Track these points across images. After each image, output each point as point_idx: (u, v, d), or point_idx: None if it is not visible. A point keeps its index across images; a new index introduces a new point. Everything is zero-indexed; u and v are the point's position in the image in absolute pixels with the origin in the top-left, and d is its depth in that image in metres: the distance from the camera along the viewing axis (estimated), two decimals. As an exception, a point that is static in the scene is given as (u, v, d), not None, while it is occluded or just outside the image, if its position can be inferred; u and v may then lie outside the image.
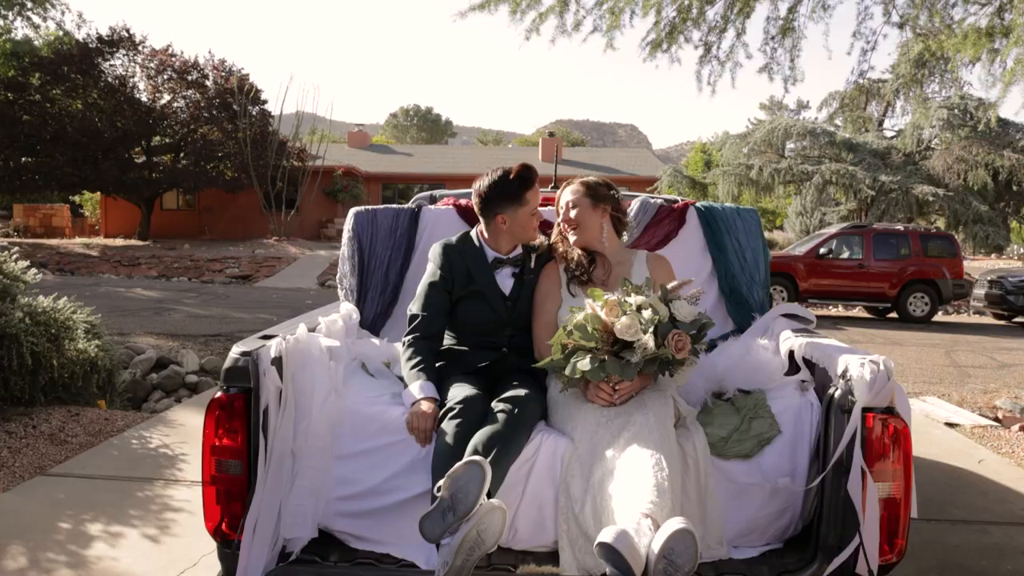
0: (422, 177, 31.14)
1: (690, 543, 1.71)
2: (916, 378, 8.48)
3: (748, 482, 2.21)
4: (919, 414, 6.57)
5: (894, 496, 2.04)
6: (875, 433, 2.00)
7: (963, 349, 11.08)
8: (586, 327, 2.18)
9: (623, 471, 1.97)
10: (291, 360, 2.19)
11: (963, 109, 20.38)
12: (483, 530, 1.88)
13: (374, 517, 2.23)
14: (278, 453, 2.11)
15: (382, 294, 3.22)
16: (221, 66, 24.09)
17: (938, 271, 14.35)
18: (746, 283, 3.20)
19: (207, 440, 2.08)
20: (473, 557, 1.87)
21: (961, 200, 18.49)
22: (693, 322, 2.24)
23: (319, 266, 19.28)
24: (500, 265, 2.65)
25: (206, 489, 2.10)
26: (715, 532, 2.17)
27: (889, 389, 2.04)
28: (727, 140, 23.74)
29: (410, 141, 72.65)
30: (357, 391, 2.43)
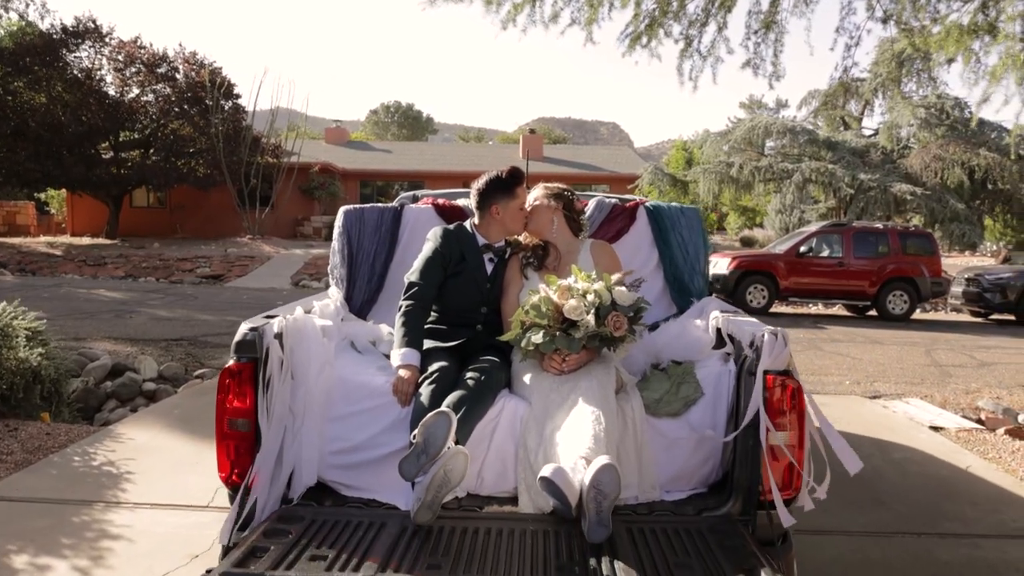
0: (401, 174, 30.74)
1: (614, 475, 2.13)
2: (898, 378, 8.34)
3: (677, 436, 2.60)
4: (903, 417, 6.41)
5: (791, 443, 2.39)
6: (775, 392, 2.37)
7: (943, 348, 10.99)
8: (540, 307, 2.61)
9: (568, 425, 2.39)
10: (290, 336, 2.53)
11: (940, 108, 20.42)
12: (449, 470, 2.25)
13: (362, 469, 2.60)
14: (280, 414, 2.46)
15: (368, 282, 3.62)
16: (192, 59, 23.50)
17: (917, 269, 14.29)
18: (687, 273, 3.60)
19: (220, 402, 2.43)
20: (441, 493, 2.24)
21: (938, 198, 18.50)
22: (631, 306, 2.63)
23: (293, 265, 18.86)
24: (487, 251, 3.05)
25: (219, 445, 2.46)
26: (649, 479, 2.55)
27: (786, 355, 2.41)
28: (708, 138, 23.64)
29: (391, 138, 72.06)
30: (347, 363, 2.81)
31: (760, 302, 14.25)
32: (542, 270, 3.04)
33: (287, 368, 2.51)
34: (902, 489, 4.52)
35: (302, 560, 2.03)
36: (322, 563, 2.00)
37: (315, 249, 21.98)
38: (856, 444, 5.60)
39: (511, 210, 3.03)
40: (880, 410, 6.73)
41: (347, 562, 2.02)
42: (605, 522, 2.13)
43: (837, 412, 6.50)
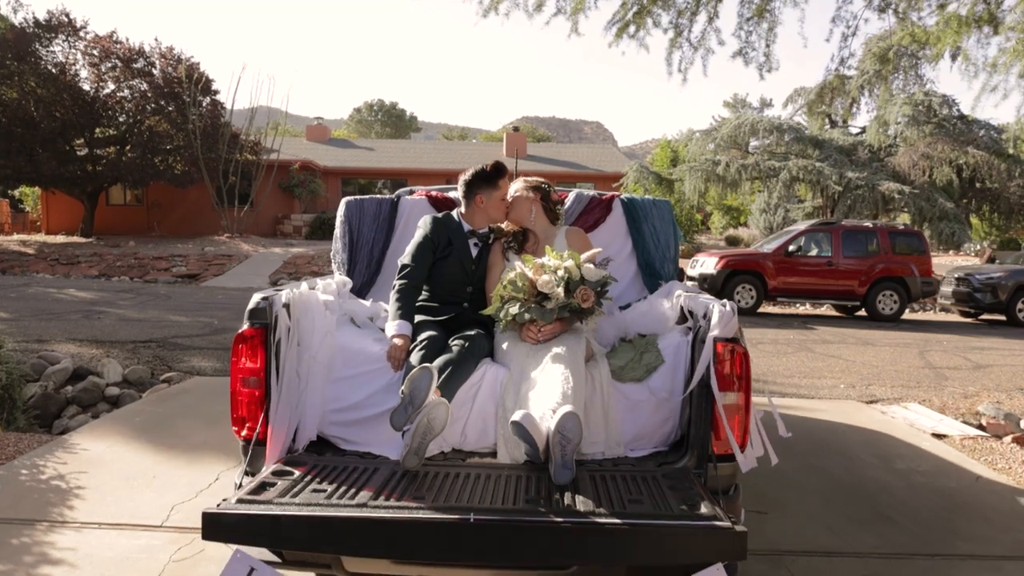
0: (384, 172, 30.31)
1: (576, 423, 2.38)
2: (894, 381, 8.10)
3: (639, 399, 2.83)
4: (903, 424, 6.16)
5: (738, 403, 2.61)
6: (724, 356, 2.59)
7: (936, 349, 10.80)
8: (516, 282, 2.89)
9: (540, 384, 2.66)
10: (296, 306, 2.82)
11: (927, 105, 20.30)
12: (432, 418, 2.51)
13: (358, 425, 2.88)
14: (287, 374, 2.74)
15: (368, 267, 3.95)
16: (169, 54, 22.92)
17: (907, 268, 14.13)
18: (658, 259, 3.90)
19: (234, 363, 2.72)
20: (426, 440, 2.52)
21: (926, 197, 18.37)
22: (598, 281, 2.90)
23: (272, 264, 18.42)
24: (472, 236, 3.36)
25: (232, 401, 2.77)
26: (615, 437, 2.79)
27: (734, 324, 2.63)
28: (693, 136, 23.42)
29: (374, 137, 71.35)
30: (346, 334, 3.09)
31: (748, 302, 14.02)
32: (522, 254, 3.31)
33: (294, 334, 2.81)
34: (910, 504, 4.25)
35: (305, 492, 2.30)
36: (322, 495, 2.28)
37: (295, 248, 21.53)
38: (857, 453, 5.36)
39: (494, 200, 3.37)
40: (879, 416, 6.47)
41: (344, 494, 2.29)
42: (569, 465, 2.40)
43: (835, 418, 6.24)
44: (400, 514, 2.13)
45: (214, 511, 2.14)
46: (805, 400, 7.04)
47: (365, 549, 2.18)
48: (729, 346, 2.62)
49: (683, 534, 2.07)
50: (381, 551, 2.18)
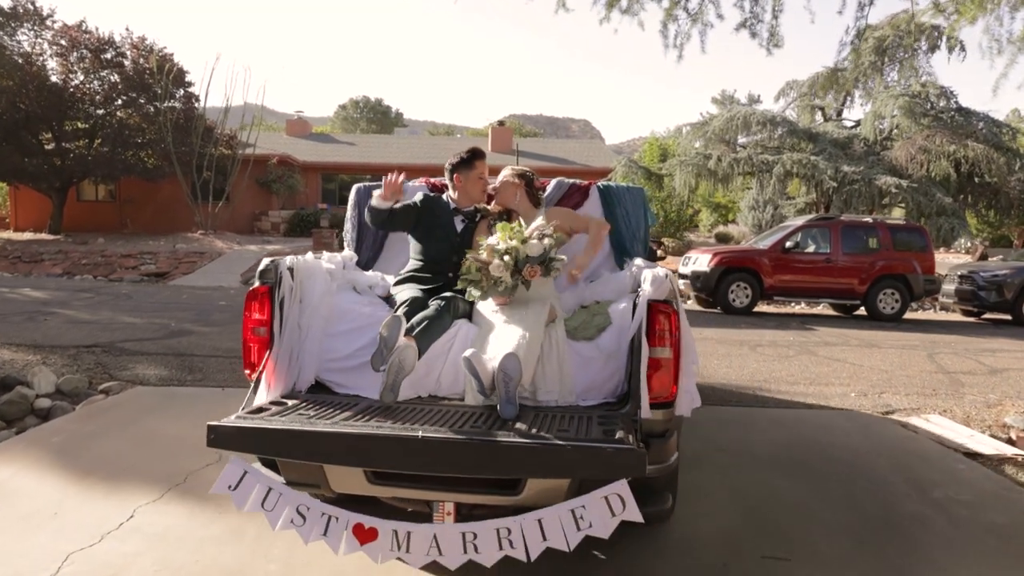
0: (366, 167, 29.46)
1: (516, 363, 2.82)
2: (907, 388, 7.46)
3: (590, 356, 3.17)
4: (928, 439, 5.50)
5: (670, 357, 2.93)
6: (657, 315, 2.93)
7: (944, 351, 10.18)
8: (472, 269, 3.30)
9: (500, 337, 3.10)
10: (300, 269, 3.32)
11: (924, 97, 19.73)
12: (402, 359, 2.95)
13: (349, 372, 3.29)
14: (289, 326, 3.22)
15: (372, 244, 4.38)
16: (141, 45, 21.99)
17: (909, 266, 13.52)
18: (629, 239, 4.24)
19: (246, 316, 3.19)
20: (399, 378, 2.97)
21: (924, 191, 17.77)
22: (540, 255, 3.28)
23: (246, 262, 17.60)
24: (457, 213, 3.83)
25: (244, 346, 3.20)
26: (568, 387, 3.12)
27: (666, 287, 2.98)
28: (683, 130, 22.76)
29: (360, 134, 70.39)
30: (345, 297, 3.51)
31: (743, 301, 13.38)
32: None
33: (296, 293, 3.23)
34: (957, 545, 3.57)
35: (292, 415, 2.72)
36: (305, 417, 2.69)
37: (272, 245, 20.71)
38: (885, 478, 4.64)
39: (471, 179, 3.87)
40: (900, 431, 5.81)
41: (323, 417, 2.69)
42: (512, 400, 2.77)
43: (852, 433, 5.57)
44: (364, 430, 2.53)
45: (216, 424, 2.54)
46: (815, 412, 6.37)
47: (335, 457, 2.55)
48: (662, 307, 2.92)
49: (591, 452, 2.37)
50: (348, 459, 2.56)
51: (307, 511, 2.54)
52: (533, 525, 2.41)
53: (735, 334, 10.77)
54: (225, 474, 2.57)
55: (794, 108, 24.14)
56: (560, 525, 2.41)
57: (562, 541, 2.40)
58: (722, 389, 7.00)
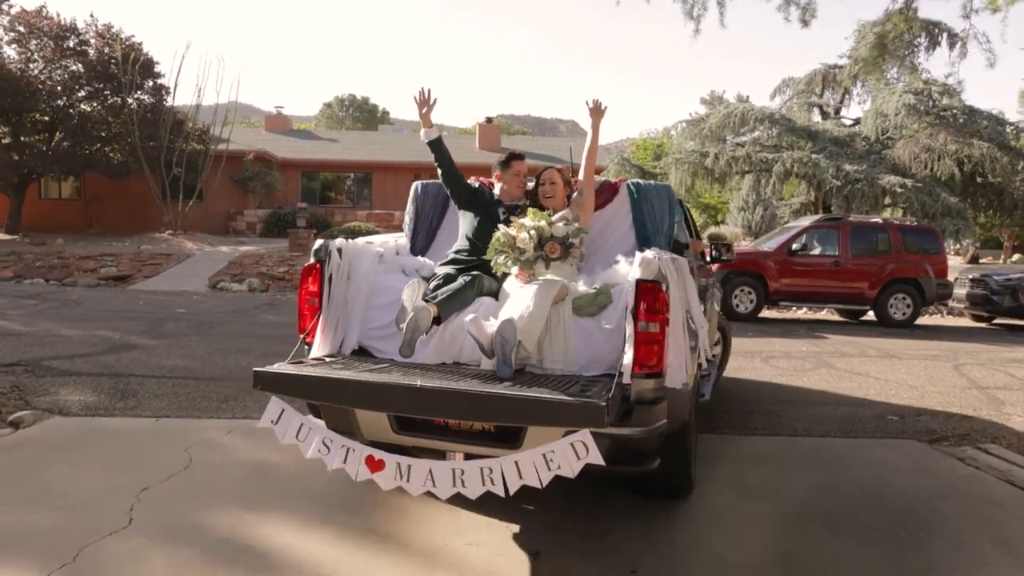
0: (348, 165, 28.41)
1: (512, 328, 3.18)
2: (943, 406, 6.61)
3: (592, 330, 3.45)
4: (996, 481, 4.60)
5: (657, 332, 3.15)
6: (645, 294, 3.16)
7: (969, 362, 9.36)
8: (500, 240, 3.77)
9: (510, 309, 3.42)
10: (348, 250, 3.81)
11: (927, 94, 18.98)
12: (418, 319, 3.34)
13: (387, 339, 3.69)
14: (336, 298, 3.69)
15: (427, 234, 4.79)
16: (107, 32, 20.82)
17: (921, 269, 12.73)
18: (652, 233, 4.43)
19: (301, 287, 3.70)
20: (415, 335, 3.34)
21: (929, 191, 17.03)
22: (563, 236, 3.73)
23: (215, 264, 16.52)
24: (500, 205, 4.30)
25: (300, 313, 3.70)
26: (572, 359, 3.42)
27: (654, 267, 3.21)
28: (678, 127, 21.91)
29: (344, 131, 69.12)
30: (389, 276, 3.99)
31: (748, 307, 12.52)
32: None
33: (344, 270, 3.75)
34: None
35: (324, 367, 3.24)
36: (335, 368, 3.19)
37: (245, 246, 19.62)
38: (969, 540, 3.66)
39: (508, 176, 4.33)
40: (959, 468, 4.93)
41: (352, 370, 3.18)
42: (508, 362, 3.14)
43: (905, 472, 4.67)
44: (377, 379, 2.97)
45: (260, 370, 3.05)
46: (855, 443, 5.48)
47: (349, 400, 3.07)
48: (648, 286, 3.16)
49: (554, 404, 2.71)
50: (359, 402, 3.07)
51: (331, 443, 2.98)
52: (511, 465, 2.75)
53: (743, 343, 9.88)
54: (267, 413, 3.04)
55: (791, 106, 23.33)
56: (533, 466, 2.74)
57: (535, 479, 2.72)
58: (742, 411, 6.10)
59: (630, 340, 3.15)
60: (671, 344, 3.21)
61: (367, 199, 28.20)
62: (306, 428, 3.03)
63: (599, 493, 4.02)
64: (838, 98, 22.63)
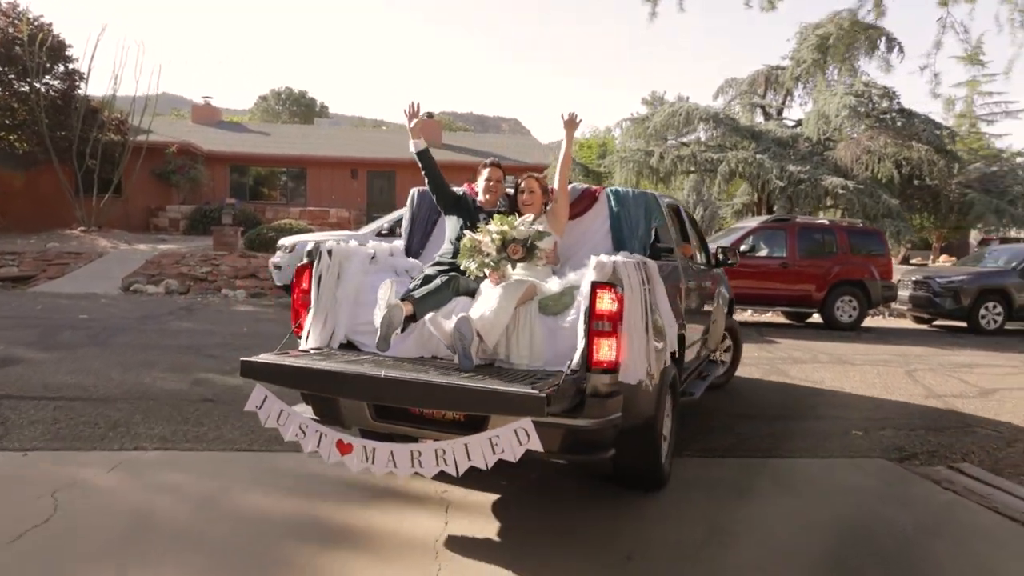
0: (281, 159, 27.13)
1: (468, 325, 3.48)
2: (907, 421, 6.29)
3: (555, 328, 3.67)
4: (982, 510, 4.20)
5: (611, 331, 3.34)
6: (600, 295, 3.36)
7: (920, 367, 9.19)
8: (467, 245, 3.96)
9: (475, 307, 3.74)
10: (338, 252, 4.08)
11: (867, 97, 19.12)
12: (391, 316, 3.60)
13: (372, 335, 3.78)
14: (325, 295, 3.98)
15: (421, 237, 5.04)
16: (11, 11, 19.19)
17: (867, 271, 12.62)
18: (627, 237, 4.61)
19: (295, 286, 4.05)
20: (389, 330, 3.59)
21: (870, 193, 17.13)
22: (525, 239, 3.88)
23: (131, 264, 15.30)
24: (481, 211, 4.47)
25: (293, 308, 4.10)
26: (537, 355, 3.65)
27: (608, 270, 3.40)
28: (622, 125, 21.61)
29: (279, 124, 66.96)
30: (381, 276, 4.16)
31: (696, 310, 12.15)
32: None
33: (334, 270, 4.02)
34: None
35: (306, 359, 3.52)
36: (315, 360, 3.50)
37: (166, 244, 18.36)
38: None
39: (484, 183, 4.52)
40: (934, 490, 4.55)
41: (331, 361, 3.50)
42: (468, 356, 3.46)
43: (889, 505, 4.21)
44: (346, 369, 3.28)
45: (248, 359, 3.39)
46: (824, 464, 5.06)
47: (324, 390, 3.41)
48: (605, 288, 3.36)
49: (498, 394, 2.97)
50: (333, 391, 3.39)
51: (306, 428, 3.29)
52: (461, 448, 3.03)
53: (693, 350, 9.47)
54: (252, 397, 3.36)
55: (734, 106, 23.31)
56: (480, 449, 3.00)
57: (482, 461, 3.00)
58: (701, 428, 5.61)
59: (584, 337, 3.38)
60: (626, 342, 3.37)
61: (302, 195, 27.01)
62: (286, 414, 3.33)
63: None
64: (780, 99, 22.71)
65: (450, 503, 3.86)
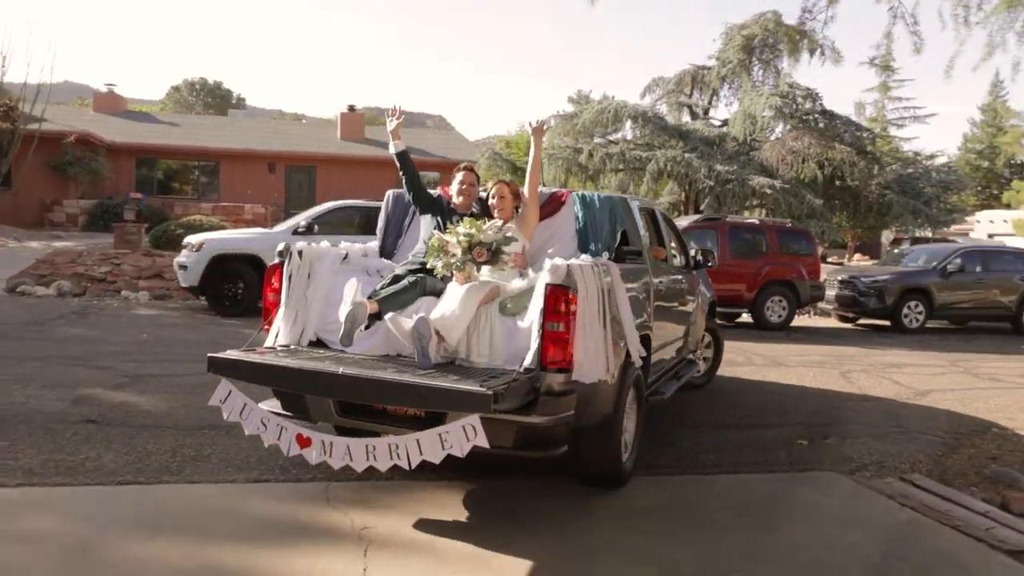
0: (192, 152, 25.60)
1: (427, 325, 3.57)
2: (850, 427, 6.11)
3: (514, 329, 3.75)
4: (945, 529, 3.93)
5: (564, 331, 3.45)
6: (553, 297, 3.47)
7: (853, 368, 9.16)
8: (435, 245, 4.05)
9: (439, 308, 3.80)
10: (309, 252, 4.21)
11: (792, 98, 19.44)
12: (356, 312, 3.68)
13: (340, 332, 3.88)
14: (295, 294, 4.10)
15: (396, 237, 5.16)
16: None
17: (796, 271, 12.66)
18: (592, 239, 4.70)
19: (265, 284, 4.22)
20: (353, 327, 3.67)
21: (795, 193, 17.39)
22: (490, 242, 3.94)
23: (21, 263, 13.92)
24: (455, 213, 4.56)
25: (264, 307, 4.24)
26: (497, 354, 3.72)
27: (562, 273, 3.50)
28: (550, 121, 21.27)
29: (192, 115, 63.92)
30: (348, 275, 4.18)
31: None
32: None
33: (304, 270, 4.15)
34: None
35: (271, 355, 3.66)
36: (280, 356, 3.65)
37: (62, 241, 16.88)
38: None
39: (455, 186, 4.67)
40: (892, 508, 4.32)
41: (295, 357, 3.61)
42: (426, 355, 3.55)
43: (850, 528, 3.91)
44: (306, 366, 3.39)
45: (214, 355, 3.49)
46: (770, 477, 4.78)
47: (286, 385, 3.55)
48: (558, 289, 3.46)
49: (446, 391, 3.08)
50: (294, 387, 3.53)
51: (268, 422, 3.39)
52: (413, 442, 3.14)
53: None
54: (217, 392, 3.46)
55: (661, 105, 23.37)
56: (431, 444, 3.10)
57: (432, 456, 3.11)
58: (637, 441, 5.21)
59: (537, 337, 3.50)
60: (581, 342, 3.47)
61: (215, 190, 25.58)
62: (248, 408, 3.41)
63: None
64: (707, 99, 22.90)
65: (370, 542, 3.33)
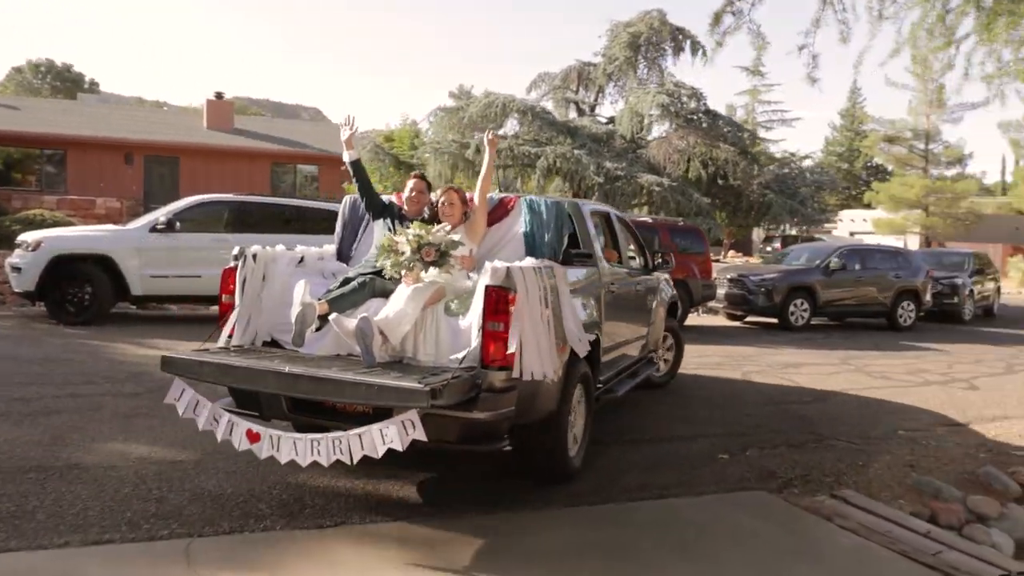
0: (34, 139, 22.70)
1: (369, 325, 3.68)
2: (757, 428, 5.89)
3: (458, 329, 3.88)
4: (898, 559, 3.60)
5: (503, 331, 3.58)
6: (493, 298, 3.62)
7: (751, 368, 9.07)
8: (384, 245, 4.22)
9: (386, 308, 3.90)
10: (263, 255, 4.36)
11: (677, 97, 19.65)
12: (305, 313, 3.85)
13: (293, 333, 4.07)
14: (250, 296, 4.24)
15: (353, 241, 5.31)
16: None
17: (688, 270, 12.56)
18: (538, 243, 4.81)
19: (222, 286, 4.28)
20: (304, 326, 3.85)
21: (682, 191, 17.56)
22: (437, 242, 4.06)
23: None
24: (405, 219, 4.66)
25: (220, 306, 4.33)
26: (443, 353, 3.84)
27: (500, 274, 3.64)
28: (435, 115, 20.48)
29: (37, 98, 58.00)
30: (303, 278, 4.35)
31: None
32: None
33: (258, 272, 4.29)
34: None
35: (223, 355, 3.82)
36: (231, 355, 3.79)
37: None
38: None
39: (407, 193, 4.86)
40: (833, 531, 4.00)
41: (244, 356, 3.79)
42: (369, 352, 3.66)
43: (794, 561, 3.49)
44: (255, 365, 3.54)
45: (168, 355, 3.65)
46: (697, 500, 4.37)
47: (236, 383, 3.67)
48: (497, 290, 3.60)
49: (383, 387, 3.20)
50: (244, 384, 3.62)
51: (219, 417, 3.54)
52: (356, 438, 3.24)
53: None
54: (172, 390, 3.63)
55: (548, 101, 23.10)
56: (372, 439, 3.22)
57: (373, 450, 3.22)
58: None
59: (477, 336, 3.67)
60: (521, 341, 3.57)
61: (61, 182, 22.91)
62: (201, 405, 3.61)
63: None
64: (593, 96, 22.84)
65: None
